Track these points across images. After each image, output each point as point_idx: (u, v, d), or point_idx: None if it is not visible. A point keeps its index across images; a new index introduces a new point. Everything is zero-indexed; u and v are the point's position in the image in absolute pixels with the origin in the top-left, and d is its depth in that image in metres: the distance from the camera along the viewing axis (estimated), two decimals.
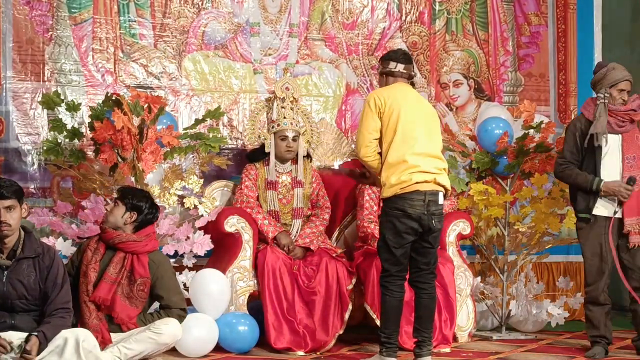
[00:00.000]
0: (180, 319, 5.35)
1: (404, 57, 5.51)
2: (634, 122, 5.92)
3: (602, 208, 5.85)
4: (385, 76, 5.51)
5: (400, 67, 5.47)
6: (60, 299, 4.73)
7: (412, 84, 5.53)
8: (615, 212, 5.83)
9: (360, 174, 5.64)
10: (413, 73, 5.52)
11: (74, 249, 5.70)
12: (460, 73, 7.73)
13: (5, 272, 4.70)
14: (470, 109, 7.73)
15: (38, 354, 4.55)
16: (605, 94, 5.85)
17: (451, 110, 7.67)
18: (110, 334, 5.14)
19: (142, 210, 5.39)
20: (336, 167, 6.34)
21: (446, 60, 7.69)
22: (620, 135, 5.88)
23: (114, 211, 5.36)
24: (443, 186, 5.30)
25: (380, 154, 5.33)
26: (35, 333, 4.54)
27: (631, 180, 5.78)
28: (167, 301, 5.36)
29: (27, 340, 4.50)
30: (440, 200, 5.30)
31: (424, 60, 7.58)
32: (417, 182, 5.20)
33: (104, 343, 5.03)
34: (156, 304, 5.49)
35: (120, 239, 5.29)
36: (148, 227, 5.42)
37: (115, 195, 5.53)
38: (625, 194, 5.78)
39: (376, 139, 5.32)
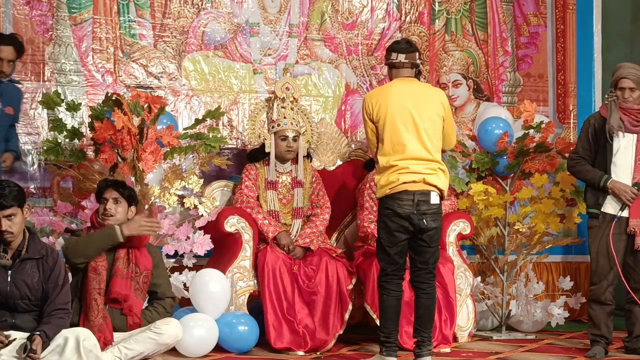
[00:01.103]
0: (172, 307, 5.39)
1: (405, 46, 5.45)
2: None
3: (611, 206, 5.88)
4: (389, 68, 5.51)
5: (402, 57, 5.42)
6: (60, 300, 4.71)
7: (419, 73, 5.50)
8: (620, 212, 5.85)
9: None
10: (418, 61, 5.46)
11: None
12: (460, 73, 7.73)
13: (10, 272, 4.69)
14: (469, 109, 7.73)
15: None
16: (612, 92, 5.93)
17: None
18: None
19: (134, 198, 5.39)
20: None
21: (445, 61, 7.68)
22: (635, 135, 5.91)
23: (119, 210, 5.28)
24: (434, 185, 5.28)
25: None
26: (38, 332, 4.53)
27: (637, 185, 5.83)
28: (163, 289, 5.36)
29: (30, 339, 4.49)
30: (433, 199, 5.27)
31: (424, 61, 7.56)
32: (404, 183, 5.22)
33: (106, 343, 5.01)
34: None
35: None
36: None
37: (113, 194, 5.32)
38: (629, 197, 5.81)
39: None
